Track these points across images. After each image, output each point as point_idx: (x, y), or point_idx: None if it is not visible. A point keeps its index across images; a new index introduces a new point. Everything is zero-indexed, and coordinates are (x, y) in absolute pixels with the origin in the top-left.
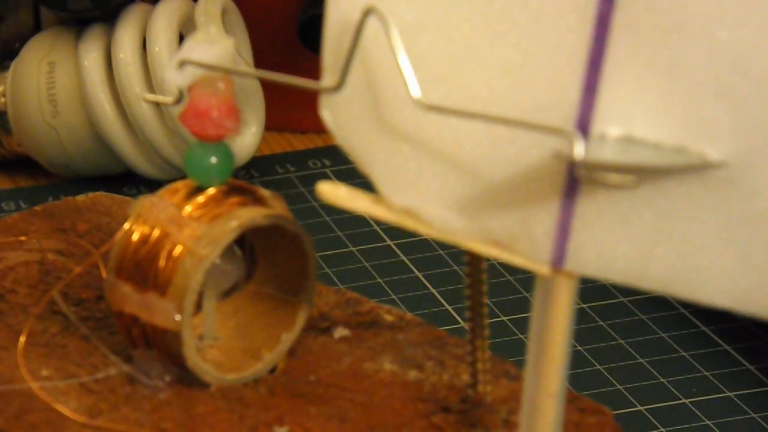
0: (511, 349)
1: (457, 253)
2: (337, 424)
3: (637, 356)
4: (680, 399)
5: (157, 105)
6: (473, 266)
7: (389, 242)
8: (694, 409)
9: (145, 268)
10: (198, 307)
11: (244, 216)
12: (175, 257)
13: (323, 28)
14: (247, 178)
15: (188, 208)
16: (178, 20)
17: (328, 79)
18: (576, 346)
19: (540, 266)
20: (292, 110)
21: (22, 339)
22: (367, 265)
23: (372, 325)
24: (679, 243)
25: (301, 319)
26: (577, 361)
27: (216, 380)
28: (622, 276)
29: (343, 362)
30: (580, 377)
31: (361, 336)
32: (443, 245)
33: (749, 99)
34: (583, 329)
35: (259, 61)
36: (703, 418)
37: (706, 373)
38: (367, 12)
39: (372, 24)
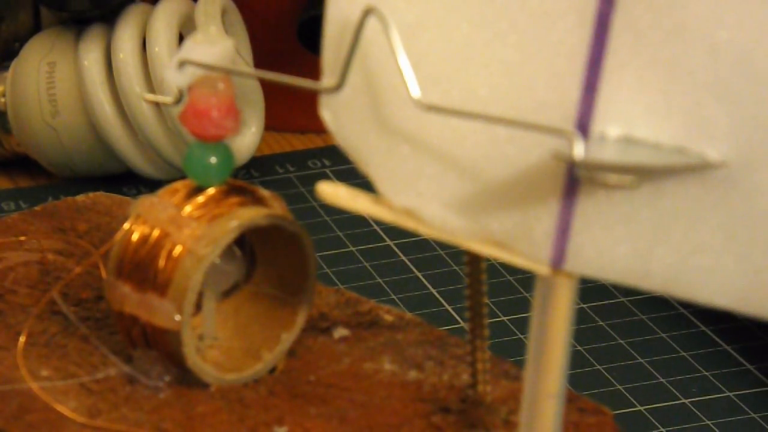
0: (511, 349)
1: (457, 253)
2: (337, 424)
3: (637, 356)
4: (680, 399)
5: (157, 105)
6: (473, 266)
7: (389, 242)
8: (694, 409)
9: (145, 268)
10: (198, 307)
11: (244, 216)
12: (175, 257)
13: (323, 28)
14: (247, 178)
15: (188, 208)
16: (178, 20)
17: (328, 79)
18: (576, 346)
19: (540, 266)
20: (292, 110)
21: (22, 339)
22: (367, 265)
23: (372, 325)
24: (679, 243)
25: (301, 319)
26: (577, 361)
27: (216, 380)
28: (622, 276)
29: (343, 362)
30: (580, 377)
31: (361, 336)
32: (443, 245)
33: (749, 99)
34: (583, 329)
35: (259, 61)
36: (703, 418)
37: (706, 373)
38: (367, 12)
39: (372, 24)
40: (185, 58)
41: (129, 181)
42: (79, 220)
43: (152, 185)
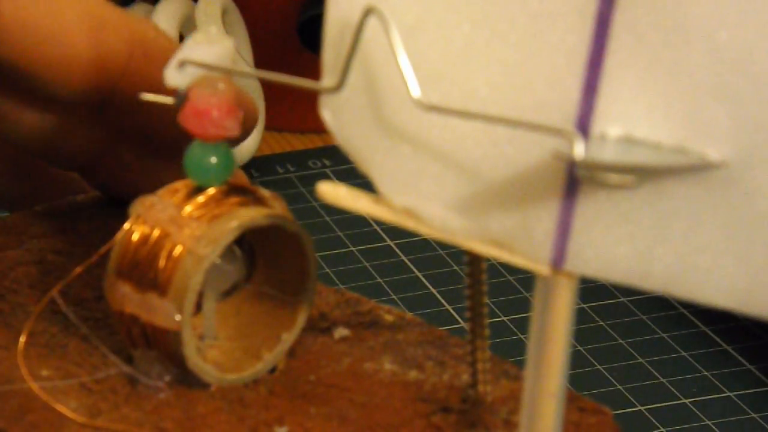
0: (511, 349)
1: (457, 253)
2: (337, 424)
3: (637, 356)
4: (680, 399)
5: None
6: (473, 266)
7: (389, 242)
8: (694, 409)
9: (145, 268)
10: (198, 307)
11: (244, 216)
12: (175, 257)
13: (323, 28)
14: (247, 178)
15: (188, 208)
16: (178, 20)
17: (328, 79)
18: (576, 346)
19: (540, 266)
20: (292, 110)
21: (22, 339)
22: (367, 265)
23: (372, 325)
24: (679, 243)
25: (301, 319)
26: (577, 361)
27: (216, 380)
28: (623, 276)
29: (343, 362)
30: (580, 377)
31: (361, 336)
32: (443, 245)
33: (749, 99)
34: (583, 329)
35: (259, 61)
36: (703, 418)
37: (706, 373)
38: (367, 12)
39: (372, 24)
40: (185, 58)
41: None
42: (79, 220)
43: None
